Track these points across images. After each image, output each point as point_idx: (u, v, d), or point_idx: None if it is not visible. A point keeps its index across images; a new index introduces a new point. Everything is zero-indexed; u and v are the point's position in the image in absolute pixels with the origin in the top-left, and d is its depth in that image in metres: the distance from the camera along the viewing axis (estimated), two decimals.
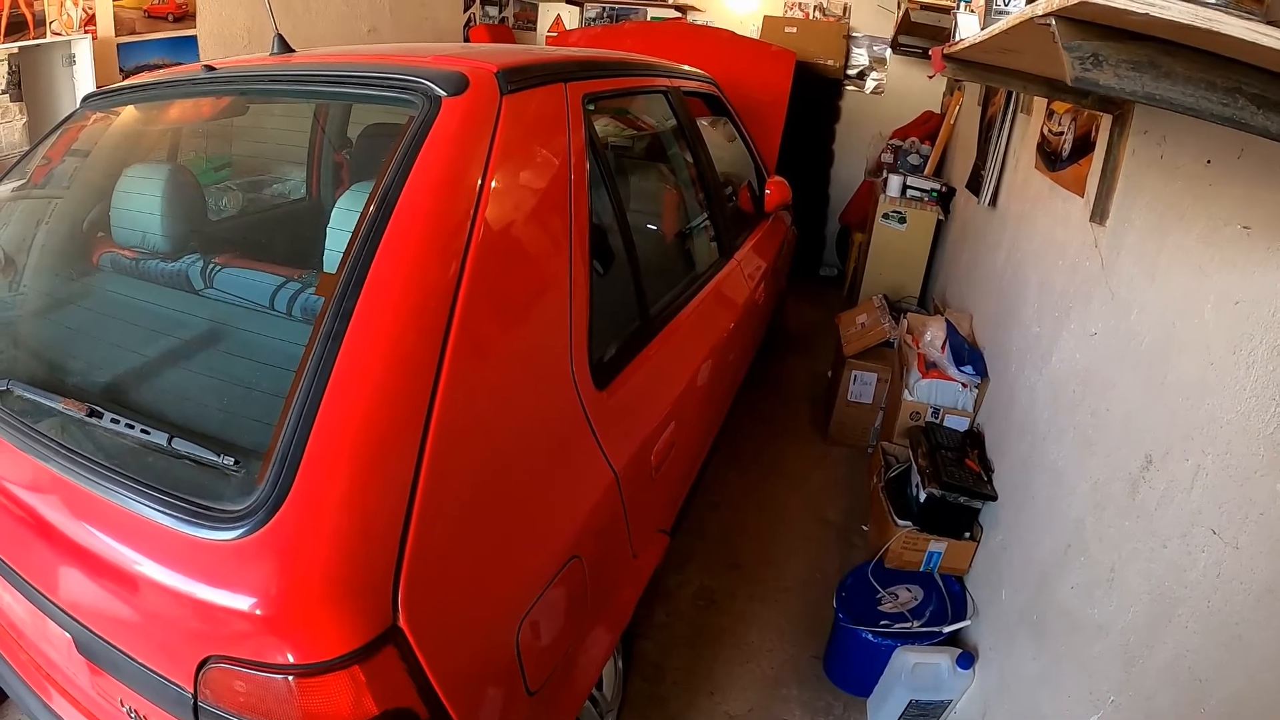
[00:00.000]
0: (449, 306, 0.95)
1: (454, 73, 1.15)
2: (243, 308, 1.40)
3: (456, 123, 1.08)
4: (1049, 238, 2.04)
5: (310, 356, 0.87)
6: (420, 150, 1.02)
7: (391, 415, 0.86)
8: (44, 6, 2.61)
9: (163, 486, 0.87)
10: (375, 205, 0.98)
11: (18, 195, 1.72)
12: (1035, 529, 1.76)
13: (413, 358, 0.90)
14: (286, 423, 0.83)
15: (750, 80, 3.41)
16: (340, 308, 0.89)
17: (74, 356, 1.32)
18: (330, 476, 0.81)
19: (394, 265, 0.92)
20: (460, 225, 1.00)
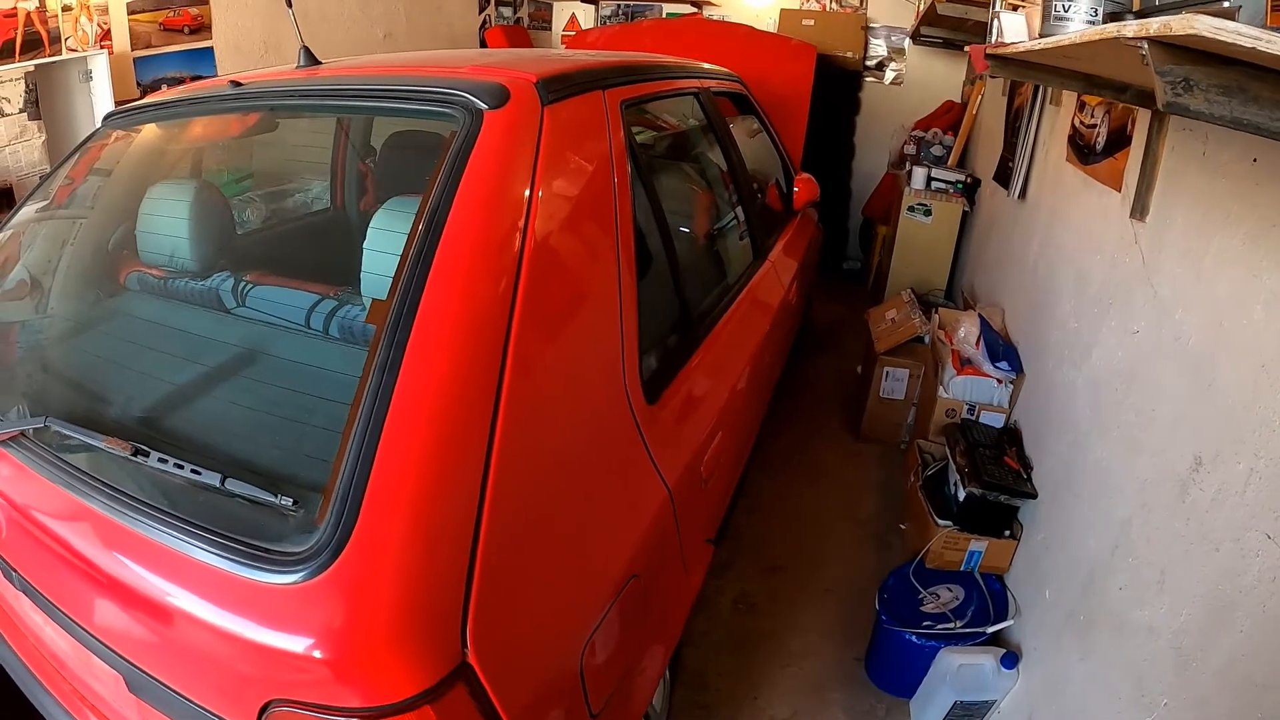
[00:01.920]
0: (504, 329, 0.93)
1: (494, 84, 1.14)
2: (280, 328, 1.39)
3: (500, 137, 1.07)
4: (1084, 232, 2.03)
5: (366, 388, 0.85)
6: (465, 167, 1.01)
7: (452, 446, 0.85)
8: (59, 23, 2.65)
9: (216, 528, 0.86)
10: (423, 226, 0.96)
11: (43, 216, 1.73)
12: (1079, 528, 1.75)
13: (471, 385, 0.88)
14: (345, 459, 0.82)
15: (772, 76, 3.40)
16: (394, 336, 0.87)
17: (110, 385, 1.30)
18: (394, 513, 0.79)
19: (447, 290, 0.91)
20: (510, 244, 0.99)
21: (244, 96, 1.46)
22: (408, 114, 1.24)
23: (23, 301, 1.62)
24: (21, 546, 1.09)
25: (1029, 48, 1.28)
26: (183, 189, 1.63)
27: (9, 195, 2.55)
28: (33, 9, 2.52)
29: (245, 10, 3.47)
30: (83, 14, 2.74)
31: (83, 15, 2.75)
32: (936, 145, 3.98)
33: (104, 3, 2.82)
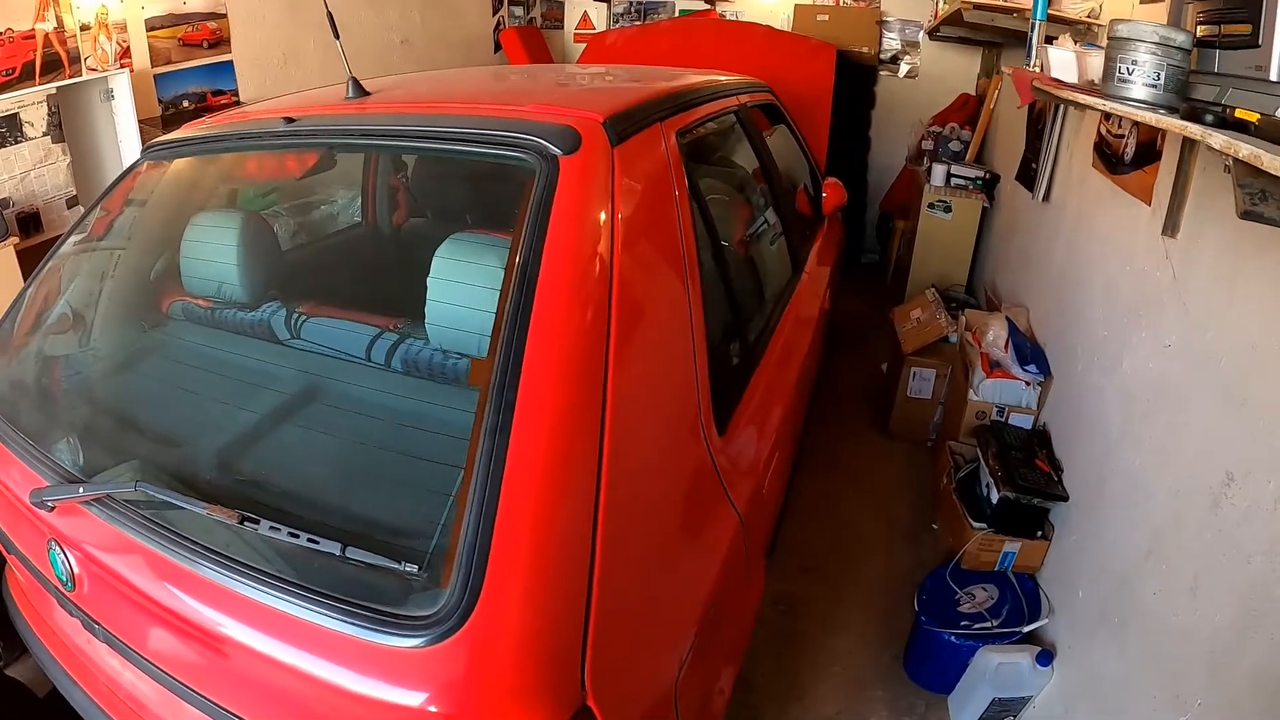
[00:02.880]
0: (602, 380, 0.97)
1: (565, 128, 1.17)
2: (345, 365, 1.41)
3: (578, 183, 1.10)
4: (1112, 241, 2.10)
5: (479, 452, 0.88)
6: (550, 219, 1.04)
7: (564, 500, 0.89)
8: (78, 43, 2.67)
9: (335, 593, 0.87)
10: (516, 283, 0.99)
11: (85, 248, 1.73)
12: (1112, 532, 1.85)
13: (576, 439, 0.92)
14: (465, 523, 0.84)
15: (792, 76, 3.44)
16: (502, 399, 0.90)
17: (183, 432, 1.31)
18: (516, 573, 0.83)
19: (546, 347, 0.93)
20: (600, 293, 1.02)
21: (302, 135, 1.45)
22: (480, 157, 1.25)
23: (71, 336, 1.65)
24: (106, 600, 1.11)
25: (1097, 106, 1.33)
26: (229, 219, 1.65)
27: (35, 220, 2.60)
28: (51, 30, 2.56)
29: (263, 23, 3.51)
30: (101, 33, 2.78)
31: (101, 34, 2.80)
32: (954, 141, 4.04)
33: (122, 20, 2.88)
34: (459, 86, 1.87)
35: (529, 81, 1.99)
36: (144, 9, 2.99)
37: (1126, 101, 1.21)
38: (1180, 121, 1.02)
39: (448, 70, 2.46)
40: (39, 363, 1.57)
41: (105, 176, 2.95)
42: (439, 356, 1.29)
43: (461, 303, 1.22)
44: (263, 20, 3.49)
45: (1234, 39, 1.13)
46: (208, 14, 3.36)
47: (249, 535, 0.96)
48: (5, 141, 2.48)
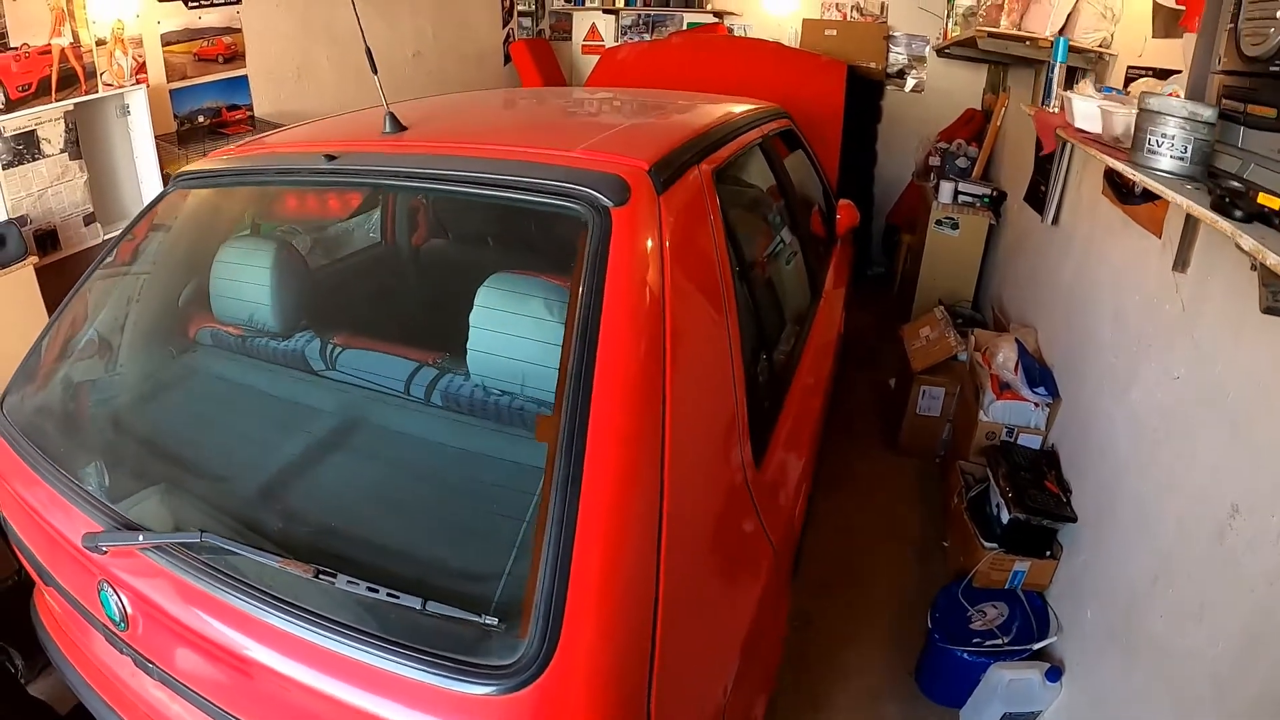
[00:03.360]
0: (661, 430, 1.02)
1: (614, 178, 1.22)
2: (390, 402, 1.44)
3: (630, 235, 1.15)
4: (1122, 270, 2.19)
5: (551, 507, 0.92)
6: (606, 274, 1.09)
7: (632, 550, 0.94)
8: (94, 58, 2.69)
9: (408, 642, 0.91)
10: (578, 338, 1.03)
11: (114, 276, 1.74)
12: (1119, 555, 1.94)
13: (641, 489, 0.97)
14: (541, 576, 0.89)
15: (803, 94, 3.51)
16: (571, 454, 0.94)
17: (234, 472, 1.33)
18: (590, 622, 0.87)
19: (610, 401, 0.98)
20: (657, 346, 1.07)
21: (344, 174, 1.46)
22: (530, 205, 1.27)
23: (103, 365, 1.67)
24: (163, 642, 1.14)
25: (1126, 172, 1.38)
26: (262, 247, 1.68)
27: (53, 237, 2.63)
28: (67, 45, 2.59)
29: (277, 37, 3.56)
30: (117, 48, 2.81)
31: (117, 49, 2.82)
32: (961, 157, 4.13)
33: (138, 35, 2.91)
34: (495, 121, 1.92)
35: (565, 117, 2.04)
36: (160, 24, 3.05)
37: (1154, 173, 1.29)
38: (1211, 214, 1.09)
39: (474, 95, 2.51)
40: (73, 393, 1.59)
41: (121, 193, 3.00)
42: (482, 393, 1.34)
43: (504, 341, 1.28)
44: (277, 35, 3.54)
45: (1259, 120, 1.20)
46: (223, 29, 3.39)
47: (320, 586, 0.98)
48: (23, 158, 2.52)
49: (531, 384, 1.27)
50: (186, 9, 3.16)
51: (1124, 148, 1.44)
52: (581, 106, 2.20)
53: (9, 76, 2.43)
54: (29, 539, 1.42)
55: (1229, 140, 1.30)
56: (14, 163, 2.49)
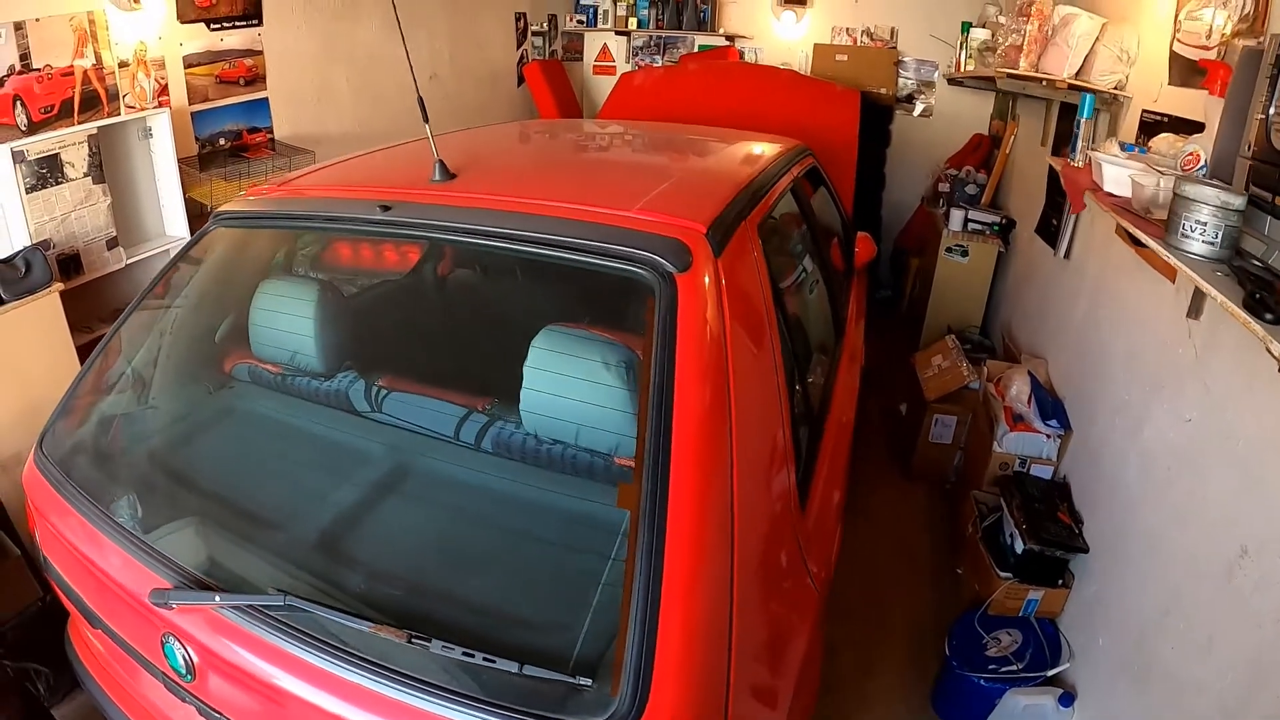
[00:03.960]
0: (729, 490, 1.09)
1: (676, 244, 1.29)
2: (435, 443, 1.47)
3: (695, 301, 1.22)
4: (1135, 310, 2.31)
5: (637, 570, 0.99)
6: (677, 342, 1.16)
7: (711, 609, 1.02)
8: (116, 80, 2.72)
9: (497, 700, 0.96)
10: (655, 409, 1.10)
11: (153, 310, 1.76)
12: (1131, 587, 2.06)
13: (716, 549, 1.05)
14: (631, 636, 0.96)
15: (818, 123, 3.61)
16: (654, 522, 1.02)
17: (299, 527, 1.36)
18: (676, 678, 0.95)
19: (685, 467, 1.05)
20: (723, 409, 1.14)
21: (400, 225, 1.48)
22: (596, 268, 1.32)
23: (144, 407, 1.70)
24: (234, 696, 1.17)
25: (1159, 252, 1.47)
26: (305, 288, 1.71)
27: (76, 262, 2.64)
28: (90, 66, 2.62)
29: (298, 59, 3.62)
30: (140, 70, 2.84)
31: (140, 71, 2.84)
32: (971, 184, 4.27)
33: (160, 57, 2.93)
34: (543, 170, 1.95)
35: (611, 166, 2.09)
36: (182, 46, 3.09)
37: (1186, 256, 1.40)
38: (1243, 313, 1.20)
39: (510, 133, 2.58)
40: (115, 433, 1.62)
41: (143, 217, 3.04)
42: (534, 442, 1.40)
43: (558, 394, 1.34)
44: (298, 57, 3.60)
45: None
46: (244, 51, 3.42)
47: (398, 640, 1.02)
48: (46, 182, 2.53)
49: (586, 437, 1.34)
50: (209, 31, 3.21)
51: (1154, 218, 1.56)
52: (622, 150, 2.29)
53: (32, 98, 2.46)
54: (75, 581, 1.43)
55: (1256, 226, 1.41)
56: (37, 186, 2.50)
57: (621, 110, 3.86)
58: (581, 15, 5.35)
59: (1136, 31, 2.45)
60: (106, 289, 2.87)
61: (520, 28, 4.81)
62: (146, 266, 3.01)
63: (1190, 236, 1.38)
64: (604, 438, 1.34)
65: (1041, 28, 2.61)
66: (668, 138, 2.41)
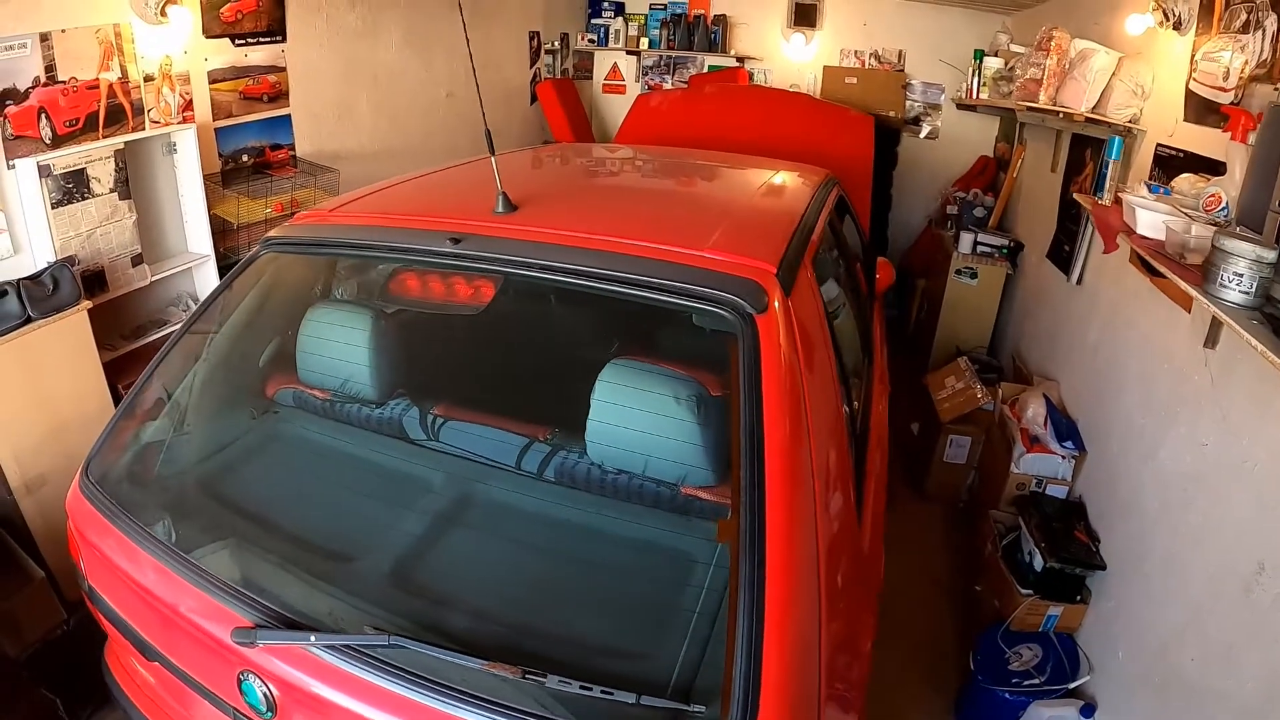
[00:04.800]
0: (814, 518, 1.17)
1: (751, 284, 1.37)
2: (494, 472, 1.52)
3: (774, 340, 1.30)
4: (1149, 337, 2.47)
5: (740, 601, 1.05)
6: (762, 381, 1.24)
7: (805, 636, 1.08)
8: (141, 94, 2.75)
9: None
10: (748, 447, 1.18)
11: (198, 336, 1.78)
12: (1150, 603, 2.20)
13: (807, 578, 1.12)
14: (737, 664, 1.02)
15: (834, 148, 3.75)
16: (754, 554, 1.08)
17: (372, 559, 1.38)
18: (779, 701, 1.01)
19: (778, 500, 1.13)
20: (804, 442, 1.22)
21: (471, 259, 1.51)
22: (676, 308, 1.39)
23: (187, 429, 1.71)
24: None
25: (1198, 297, 1.61)
26: (358, 315, 1.74)
27: (100, 279, 2.64)
28: (115, 80, 2.65)
29: (320, 76, 3.70)
30: (165, 84, 2.87)
31: (165, 86, 2.88)
32: (979, 207, 4.45)
33: (185, 72, 2.97)
34: (605, 202, 2.03)
35: (670, 199, 2.18)
36: (207, 61, 3.13)
37: (1224, 305, 1.53)
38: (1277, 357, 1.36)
39: (554, 157, 2.66)
40: (162, 460, 1.63)
41: (166, 234, 3.07)
42: (599, 472, 1.46)
43: (627, 426, 1.41)
44: (319, 74, 3.67)
45: None
46: (268, 67, 3.48)
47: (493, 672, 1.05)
48: (72, 197, 2.53)
49: (655, 468, 1.41)
50: (233, 47, 3.26)
51: (1189, 263, 1.70)
52: (668, 180, 2.36)
53: (56, 111, 2.46)
54: (130, 614, 1.42)
55: None
56: (63, 201, 2.50)
57: (638, 132, 4.00)
58: (593, 35, 5.52)
59: (1151, 68, 2.62)
60: (129, 306, 2.91)
61: (534, 46, 4.96)
62: (170, 284, 3.08)
63: (1228, 286, 1.51)
64: (672, 469, 1.41)
65: (1060, 62, 2.78)
66: (708, 167, 2.52)
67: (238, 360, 1.87)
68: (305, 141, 3.71)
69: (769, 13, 5.35)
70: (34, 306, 2.28)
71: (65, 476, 2.29)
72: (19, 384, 2.29)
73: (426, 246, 1.56)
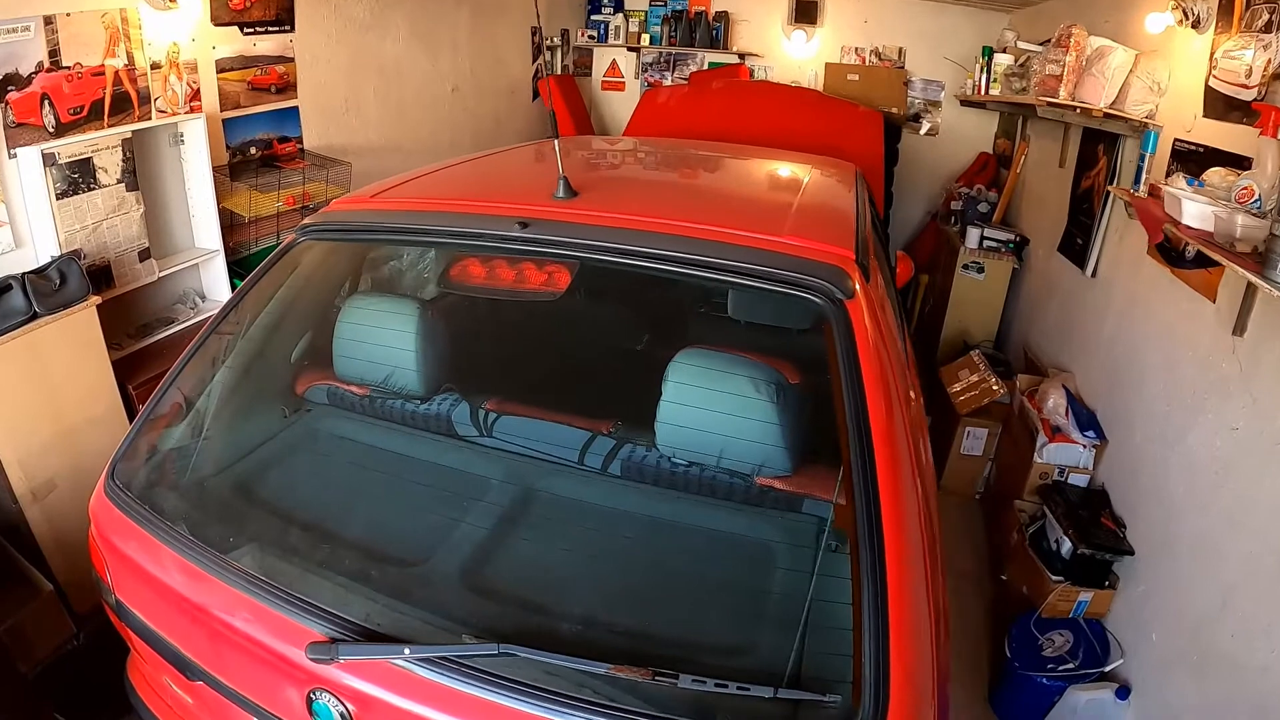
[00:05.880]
0: (918, 502, 1.20)
1: (837, 270, 1.40)
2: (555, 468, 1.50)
3: (864, 324, 1.33)
4: (1172, 327, 2.58)
5: (864, 588, 1.06)
6: (861, 365, 1.26)
7: (922, 620, 1.10)
8: (148, 83, 2.67)
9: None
10: (855, 431, 1.19)
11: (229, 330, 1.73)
12: (1183, 584, 2.30)
13: (917, 560, 1.13)
14: (865, 652, 1.02)
15: (843, 144, 3.79)
16: (873, 543, 1.09)
17: (447, 564, 1.33)
18: (908, 685, 1.02)
19: (890, 484, 1.15)
20: (900, 422, 1.24)
21: (539, 242, 1.49)
22: (767, 294, 1.41)
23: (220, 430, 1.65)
24: None
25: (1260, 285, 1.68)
26: (404, 306, 1.71)
27: (107, 274, 2.59)
28: (121, 67, 2.58)
29: (328, 67, 3.70)
30: (172, 72, 2.80)
31: (172, 74, 2.80)
32: (982, 202, 4.59)
33: (194, 60, 2.90)
34: (663, 188, 2.02)
35: (722, 188, 2.19)
36: (215, 49, 3.07)
37: None
38: None
39: (577, 144, 2.67)
40: (193, 462, 1.56)
41: (173, 227, 3.03)
42: (669, 465, 1.45)
43: (702, 415, 1.40)
44: (328, 65, 3.67)
45: None
46: (276, 57, 3.45)
47: (598, 674, 1.03)
48: (78, 188, 2.46)
49: (732, 458, 1.41)
50: (242, 35, 3.21)
51: (1240, 251, 1.80)
52: (716, 169, 2.38)
53: (60, 97, 2.38)
54: (170, 630, 1.33)
55: None
56: (69, 192, 2.43)
57: (646, 128, 4.05)
58: (593, 30, 5.57)
59: (1168, 65, 2.74)
60: (135, 303, 2.86)
61: (535, 42, 5.00)
62: (176, 281, 3.04)
63: None
64: (749, 458, 1.41)
65: (1079, 58, 2.89)
66: (742, 158, 2.57)
67: (270, 355, 1.82)
68: (313, 135, 3.70)
69: (770, 9, 5.44)
70: (40, 302, 2.20)
71: (74, 482, 2.29)
72: (24, 384, 2.21)
73: (489, 231, 1.52)
